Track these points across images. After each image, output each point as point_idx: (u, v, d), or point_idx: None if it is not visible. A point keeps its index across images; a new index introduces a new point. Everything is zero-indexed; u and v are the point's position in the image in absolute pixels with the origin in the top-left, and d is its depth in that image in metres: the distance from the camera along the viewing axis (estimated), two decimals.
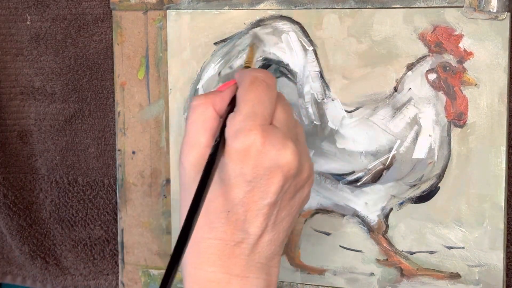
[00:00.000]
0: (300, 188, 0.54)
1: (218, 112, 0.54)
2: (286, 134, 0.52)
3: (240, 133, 0.51)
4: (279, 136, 0.51)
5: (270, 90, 0.53)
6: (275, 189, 0.51)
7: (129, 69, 0.73)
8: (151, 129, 0.73)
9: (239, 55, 0.69)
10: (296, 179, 0.53)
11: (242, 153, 0.50)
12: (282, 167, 0.51)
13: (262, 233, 0.52)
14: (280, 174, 0.51)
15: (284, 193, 0.52)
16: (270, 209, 0.52)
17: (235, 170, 0.51)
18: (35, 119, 0.79)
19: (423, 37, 0.63)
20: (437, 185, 0.64)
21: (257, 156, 0.50)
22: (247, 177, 0.51)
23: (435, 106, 0.63)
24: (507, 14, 0.60)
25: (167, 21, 0.71)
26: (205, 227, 0.53)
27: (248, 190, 0.51)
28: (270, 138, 0.50)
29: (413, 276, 0.66)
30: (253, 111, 0.51)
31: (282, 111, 0.53)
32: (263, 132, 0.50)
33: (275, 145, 0.50)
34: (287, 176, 0.51)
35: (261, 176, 0.51)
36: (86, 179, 0.79)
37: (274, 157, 0.50)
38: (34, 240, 0.81)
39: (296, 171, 0.52)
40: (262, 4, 0.68)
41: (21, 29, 0.78)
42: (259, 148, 0.50)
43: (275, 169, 0.51)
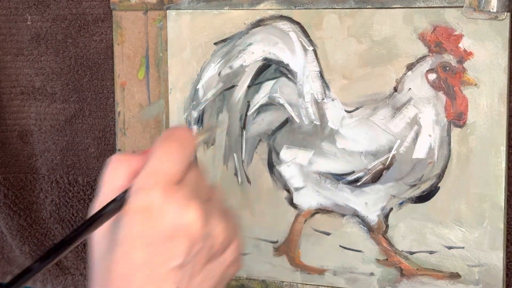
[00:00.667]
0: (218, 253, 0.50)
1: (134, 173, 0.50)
2: (194, 193, 0.48)
3: (140, 191, 0.47)
4: (184, 195, 0.47)
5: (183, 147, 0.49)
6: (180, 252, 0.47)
7: (129, 69, 0.73)
8: (151, 129, 0.73)
9: (239, 55, 0.69)
10: (207, 242, 0.48)
11: (140, 213, 0.47)
12: (185, 228, 0.47)
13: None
14: (182, 235, 0.47)
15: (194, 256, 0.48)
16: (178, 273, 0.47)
17: (134, 230, 0.47)
18: (36, 119, 0.79)
19: (423, 37, 0.63)
20: (437, 185, 0.64)
21: (157, 215, 0.46)
22: (146, 238, 0.47)
23: (435, 106, 0.63)
24: (507, 14, 0.60)
25: (167, 21, 0.71)
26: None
27: (149, 252, 0.47)
28: (173, 196, 0.47)
29: (413, 276, 0.66)
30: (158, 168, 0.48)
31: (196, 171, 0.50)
32: (165, 191, 0.47)
33: (177, 205, 0.47)
34: (192, 238, 0.47)
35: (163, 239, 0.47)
36: (87, 179, 0.79)
37: (176, 217, 0.47)
38: (35, 240, 0.81)
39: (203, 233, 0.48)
40: (262, 4, 0.68)
41: (22, 29, 0.78)
42: (159, 206, 0.46)
43: (177, 230, 0.47)
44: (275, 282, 0.70)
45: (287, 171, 0.68)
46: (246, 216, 0.70)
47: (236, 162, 0.70)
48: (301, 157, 0.67)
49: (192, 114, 0.71)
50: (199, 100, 0.71)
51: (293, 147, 0.68)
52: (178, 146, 0.49)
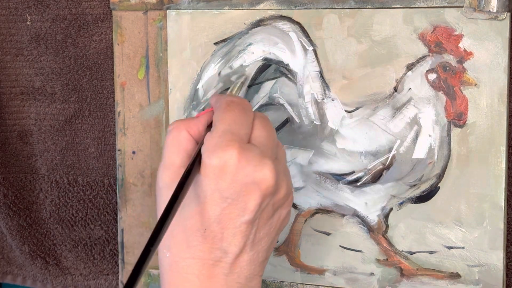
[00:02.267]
0: (278, 208, 0.53)
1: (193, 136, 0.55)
2: (264, 152, 0.51)
3: (216, 149, 0.50)
4: (257, 153, 0.51)
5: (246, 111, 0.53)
6: (253, 206, 0.50)
7: (129, 69, 0.73)
8: (151, 129, 0.73)
9: (239, 55, 0.69)
10: (274, 198, 0.52)
11: (218, 169, 0.50)
12: (259, 183, 0.50)
13: (241, 252, 0.52)
14: (257, 190, 0.50)
15: (262, 211, 0.51)
16: (248, 227, 0.51)
17: (211, 186, 0.50)
18: (35, 119, 0.79)
19: (423, 37, 0.63)
20: (437, 185, 0.64)
21: (233, 172, 0.50)
22: (223, 193, 0.50)
23: (435, 106, 0.63)
24: (507, 14, 0.60)
25: (167, 21, 0.71)
26: (183, 246, 0.52)
27: (225, 207, 0.50)
28: (247, 155, 0.50)
29: (413, 276, 0.66)
30: (229, 129, 0.51)
31: (261, 130, 0.53)
32: (240, 149, 0.50)
33: (252, 162, 0.50)
34: (265, 194, 0.51)
35: (237, 192, 0.50)
36: (86, 179, 0.79)
37: (251, 174, 0.50)
38: (34, 240, 0.81)
39: (274, 189, 0.51)
40: (262, 4, 0.68)
41: (21, 29, 0.78)
42: (235, 163, 0.50)
43: (252, 185, 0.50)
44: (275, 282, 0.70)
45: None
46: None
47: None
48: (301, 157, 0.67)
49: (192, 114, 0.71)
50: (199, 100, 0.71)
51: (293, 147, 0.68)
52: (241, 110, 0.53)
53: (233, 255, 0.51)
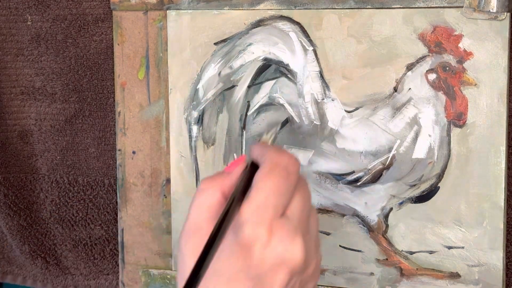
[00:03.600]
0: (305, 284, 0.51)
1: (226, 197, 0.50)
2: (297, 227, 0.48)
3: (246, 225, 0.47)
4: (289, 230, 0.48)
5: (290, 179, 0.49)
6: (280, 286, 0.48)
7: (129, 69, 0.73)
8: (151, 129, 0.73)
9: (239, 55, 0.69)
10: (302, 275, 0.50)
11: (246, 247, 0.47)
12: (288, 263, 0.48)
13: None
14: (285, 270, 0.48)
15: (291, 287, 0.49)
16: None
17: (238, 263, 0.47)
18: (36, 119, 0.79)
19: (423, 37, 0.63)
20: (437, 185, 0.64)
21: (262, 252, 0.47)
22: (250, 272, 0.47)
23: (435, 106, 0.63)
24: (506, 14, 0.60)
25: (167, 21, 0.71)
26: None
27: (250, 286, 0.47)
28: (279, 233, 0.47)
29: (412, 275, 0.66)
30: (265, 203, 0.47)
31: (299, 200, 0.50)
32: (271, 227, 0.47)
33: (283, 241, 0.47)
34: (293, 273, 0.48)
35: (265, 273, 0.47)
36: (87, 179, 0.79)
37: (281, 253, 0.47)
38: (35, 240, 0.81)
39: (302, 268, 0.49)
40: (262, 4, 0.68)
41: (22, 29, 0.78)
42: (264, 243, 0.47)
43: (281, 265, 0.47)
44: None
45: None
46: None
47: None
48: (301, 157, 0.67)
49: (192, 114, 0.71)
50: (199, 100, 0.71)
51: (293, 147, 0.68)
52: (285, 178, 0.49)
53: None
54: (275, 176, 0.48)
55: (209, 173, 0.71)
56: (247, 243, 0.47)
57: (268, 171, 0.49)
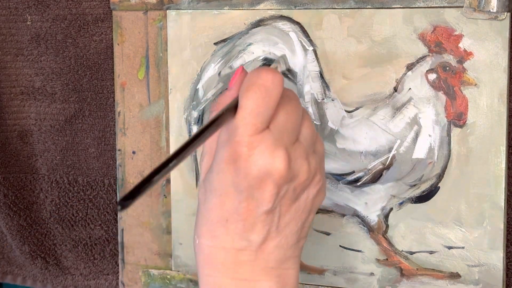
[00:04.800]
0: (303, 191, 0.53)
1: None
2: (279, 139, 0.51)
3: (228, 143, 0.51)
4: (269, 144, 0.50)
5: (270, 94, 0.51)
6: (269, 197, 0.51)
7: (129, 69, 0.73)
8: (151, 129, 0.73)
9: (239, 55, 0.69)
10: (293, 183, 0.52)
11: (230, 163, 0.50)
12: (272, 175, 0.50)
13: (265, 240, 0.52)
14: (270, 182, 0.50)
15: (281, 198, 0.52)
16: (269, 216, 0.51)
17: (227, 180, 0.51)
18: (36, 119, 0.79)
19: (423, 37, 0.63)
20: (437, 185, 0.64)
21: (245, 166, 0.50)
22: (239, 186, 0.50)
23: (435, 106, 0.63)
24: (507, 14, 0.60)
25: (167, 21, 0.71)
26: (207, 235, 0.53)
27: (242, 199, 0.51)
28: (259, 148, 0.50)
29: (413, 276, 0.66)
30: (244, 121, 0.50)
31: (283, 113, 0.52)
32: (251, 143, 0.50)
33: (263, 154, 0.50)
34: (279, 183, 0.51)
35: (252, 185, 0.50)
36: (87, 179, 0.79)
37: (262, 166, 0.50)
38: (35, 240, 0.81)
39: (289, 177, 0.51)
40: (262, 4, 0.68)
41: (22, 29, 0.78)
42: (246, 158, 0.50)
43: (264, 177, 0.50)
44: None
45: None
46: None
47: None
48: None
49: (192, 114, 0.71)
50: (199, 100, 0.71)
51: None
52: (262, 94, 0.51)
53: (256, 244, 0.52)
54: (252, 94, 0.51)
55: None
56: (231, 161, 0.50)
57: (245, 89, 0.51)
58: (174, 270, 0.74)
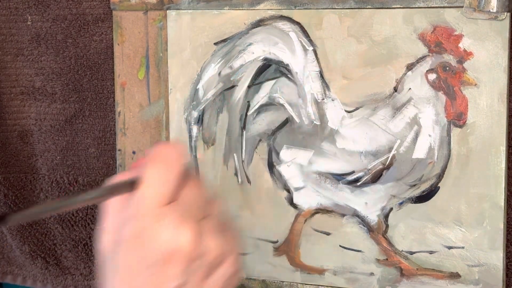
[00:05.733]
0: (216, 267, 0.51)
1: None
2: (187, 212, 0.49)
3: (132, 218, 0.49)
4: (175, 217, 0.48)
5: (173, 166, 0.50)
6: (178, 272, 0.48)
7: (129, 69, 0.73)
8: (151, 129, 0.73)
9: (239, 55, 0.69)
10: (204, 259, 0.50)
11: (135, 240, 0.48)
12: (179, 250, 0.48)
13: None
14: (177, 257, 0.48)
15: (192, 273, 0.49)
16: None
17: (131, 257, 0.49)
18: (36, 119, 0.79)
19: (423, 37, 0.63)
20: (437, 185, 0.64)
21: (150, 241, 0.48)
22: (146, 261, 0.48)
23: (435, 106, 0.63)
24: (507, 14, 0.60)
25: (167, 21, 0.71)
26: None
27: (149, 275, 0.48)
28: (164, 221, 0.48)
29: (413, 276, 0.66)
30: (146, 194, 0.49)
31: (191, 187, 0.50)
32: (157, 215, 0.48)
33: (168, 228, 0.48)
34: (187, 259, 0.48)
35: (159, 260, 0.48)
36: (87, 179, 0.79)
37: (169, 240, 0.48)
38: (35, 240, 0.81)
39: (197, 253, 0.49)
40: (262, 4, 0.68)
41: (22, 29, 0.78)
42: (151, 232, 0.48)
43: (171, 252, 0.48)
44: (275, 282, 0.70)
45: (287, 171, 0.68)
46: (246, 216, 0.70)
47: (236, 162, 0.70)
48: (301, 157, 0.67)
49: (192, 114, 0.71)
50: (199, 100, 0.71)
51: (293, 147, 0.68)
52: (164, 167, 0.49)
53: None
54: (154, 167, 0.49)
55: (209, 173, 0.71)
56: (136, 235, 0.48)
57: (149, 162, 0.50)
58: None
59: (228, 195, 0.71)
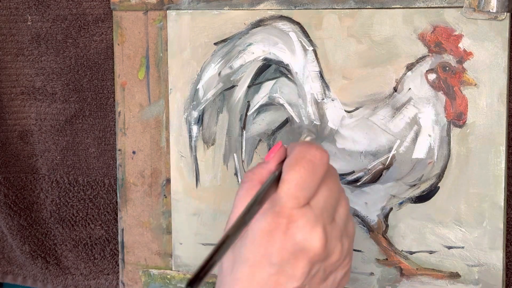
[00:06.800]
0: (332, 271, 0.53)
1: None
2: (319, 217, 0.50)
3: (267, 213, 0.50)
4: (309, 220, 0.50)
5: (316, 171, 0.51)
6: (301, 274, 0.50)
7: (129, 69, 0.73)
8: (151, 129, 0.73)
9: (239, 55, 0.69)
10: (325, 263, 0.51)
11: (267, 234, 0.50)
12: (308, 252, 0.49)
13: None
14: (305, 259, 0.50)
15: (312, 277, 0.51)
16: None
17: (261, 250, 0.50)
18: (36, 119, 0.79)
19: (423, 37, 0.63)
20: (437, 185, 0.64)
21: (282, 238, 0.49)
22: (272, 258, 0.50)
23: (434, 106, 0.63)
24: (506, 14, 0.60)
25: (167, 21, 0.71)
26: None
27: (273, 273, 0.50)
28: (298, 223, 0.49)
29: (412, 275, 0.66)
30: (288, 194, 0.50)
31: (325, 190, 0.52)
32: (291, 216, 0.49)
33: (302, 230, 0.49)
34: (313, 261, 0.50)
35: (286, 260, 0.49)
36: (87, 179, 0.79)
37: (300, 242, 0.49)
38: (35, 239, 0.81)
39: (323, 256, 0.50)
40: (262, 4, 0.68)
41: (22, 29, 0.78)
42: (284, 231, 0.49)
43: (300, 254, 0.49)
44: None
45: None
46: None
47: (236, 162, 0.70)
48: None
49: (192, 114, 0.71)
50: (199, 100, 0.71)
51: None
52: (309, 170, 0.51)
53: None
54: (299, 169, 0.50)
55: (209, 173, 0.71)
56: (268, 231, 0.49)
57: (293, 163, 0.51)
58: (174, 270, 0.74)
59: (228, 195, 0.71)
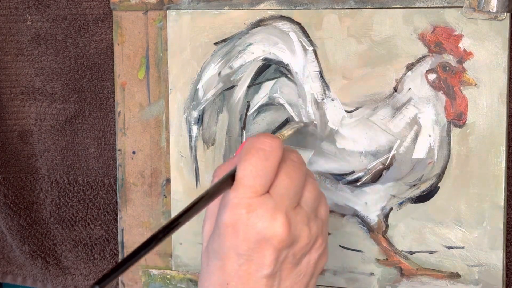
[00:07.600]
0: (304, 255, 0.53)
1: None
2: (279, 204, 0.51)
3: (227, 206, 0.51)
4: (268, 208, 0.50)
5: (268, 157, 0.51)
6: (269, 261, 0.50)
7: (129, 69, 0.73)
8: (151, 129, 0.73)
9: (239, 55, 0.69)
10: (293, 248, 0.52)
11: (230, 227, 0.50)
12: (271, 240, 0.50)
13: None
14: (270, 247, 0.50)
15: (281, 263, 0.51)
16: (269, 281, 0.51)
17: (227, 243, 0.51)
18: (36, 119, 0.79)
19: (423, 37, 0.63)
20: (437, 185, 0.64)
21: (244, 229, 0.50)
22: (238, 250, 0.50)
23: (434, 106, 0.63)
24: (506, 14, 0.60)
25: (167, 21, 0.71)
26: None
27: (242, 263, 0.51)
28: (258, 212, 0.50)
29: (413, 276, 0.66)
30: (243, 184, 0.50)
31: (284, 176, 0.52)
32: (249, 205, 0.50)
33: (262, 218, 0.50)
34: (279, 248, 0.51)
35: (251, 249, 0.50)
36: (87, 179, 0.79)
37: (262, 231, 0.50)
38: (35, 240, 0.81)
39: (289, 242, 0.51)
40: (262, 4, 0.68)
41: (22, 29, 0.78)
42: (245, 220, 0.50)
43: (263, 242, 0.50)
44: None
45: None
46: None
47: None
48: None
49: (192, 114, 0.71)
50: (199, 100, 0.71)
51: (293, 147, 0.68)
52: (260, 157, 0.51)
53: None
54: (250, 157, 0.51)
55: (209, 173, 0.71)
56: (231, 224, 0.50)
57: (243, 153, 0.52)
58: (174, 270, 0.74)
59: None
